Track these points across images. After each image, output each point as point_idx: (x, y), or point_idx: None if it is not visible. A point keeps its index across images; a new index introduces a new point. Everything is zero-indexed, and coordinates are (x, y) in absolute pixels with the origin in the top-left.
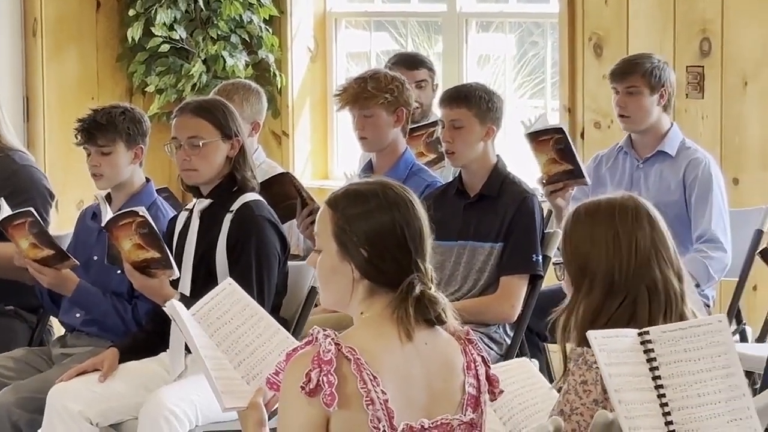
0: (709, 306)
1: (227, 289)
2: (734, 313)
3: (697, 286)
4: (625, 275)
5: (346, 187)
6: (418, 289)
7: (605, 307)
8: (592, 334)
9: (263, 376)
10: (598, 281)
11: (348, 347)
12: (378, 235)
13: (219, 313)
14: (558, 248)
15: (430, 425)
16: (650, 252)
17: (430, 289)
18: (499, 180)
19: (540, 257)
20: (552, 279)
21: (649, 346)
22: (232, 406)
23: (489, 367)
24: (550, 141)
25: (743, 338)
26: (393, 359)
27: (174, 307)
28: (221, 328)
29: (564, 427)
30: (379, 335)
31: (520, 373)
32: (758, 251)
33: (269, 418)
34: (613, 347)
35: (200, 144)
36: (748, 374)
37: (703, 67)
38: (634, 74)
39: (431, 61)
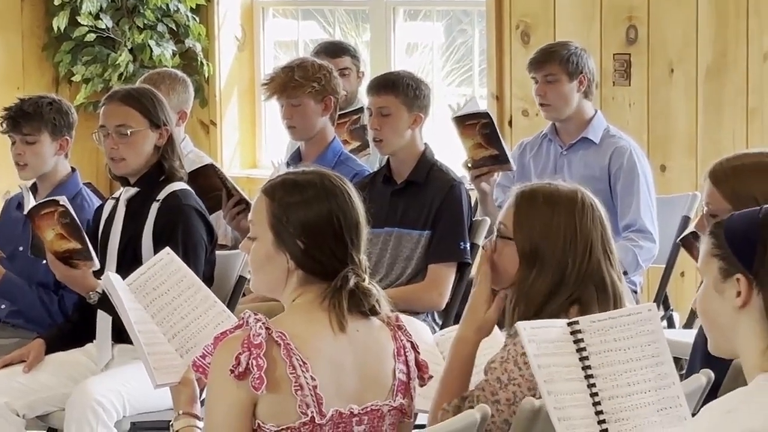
0: (636, 292)
1: (165, 259)
2: (662, 299)
3: (625, 273)
4: (576, 272)
5: (283, 176)
6: (352, 282)
7: (550, 299)
8: (521, 325)
9: (197, 350)
10: (547, 269)
11: (278, 332)
12: (315, 225)
13: (155, 284)
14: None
15: (360, 411)
16: (601, 254)
17: (364, 281)
18: (427, 167)
19: (468, 245)
20: None
21: (579, 336)
22: (164, 383)
23: (418, 353)
24: (477, 125)
25: (670, 324)
26: (324, 346)
27: (110, 279)
28: (157, 299)
29: (499, 395)
30: (310, 321)
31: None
32: (679, 239)
33: (201, 404)
34: (543, 338)
35: (128, 132)
36: (676, 360)
37: (629, 54)
38: (551, 62)
39: (355, 48)
